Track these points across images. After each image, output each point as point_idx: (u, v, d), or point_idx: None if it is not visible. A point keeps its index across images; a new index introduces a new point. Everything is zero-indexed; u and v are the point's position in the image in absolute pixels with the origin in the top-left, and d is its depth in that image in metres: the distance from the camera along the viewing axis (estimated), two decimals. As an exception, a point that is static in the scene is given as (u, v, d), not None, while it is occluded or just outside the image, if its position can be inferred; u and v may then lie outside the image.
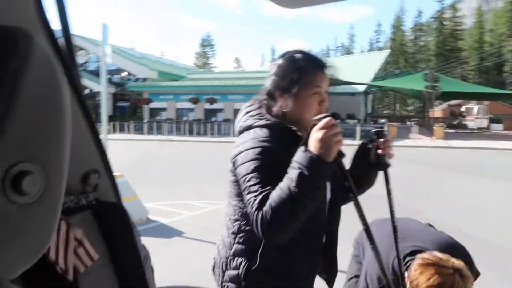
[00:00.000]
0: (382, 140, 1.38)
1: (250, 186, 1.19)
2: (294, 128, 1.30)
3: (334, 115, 1.14)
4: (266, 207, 1.11)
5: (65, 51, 0.97)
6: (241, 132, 1.38)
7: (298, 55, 1.33)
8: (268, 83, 1.38)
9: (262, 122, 1.32)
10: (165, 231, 5.43)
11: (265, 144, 1.25)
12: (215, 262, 1.47)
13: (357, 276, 1.92)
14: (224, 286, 1.38)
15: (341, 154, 1.16)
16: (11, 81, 0.35)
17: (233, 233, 1.38)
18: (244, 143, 1.29)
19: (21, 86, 0.36)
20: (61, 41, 0.97)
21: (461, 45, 60.54)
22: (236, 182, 1.33)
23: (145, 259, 0.97)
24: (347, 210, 1.48)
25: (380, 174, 1.43)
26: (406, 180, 9.14)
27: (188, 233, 5.34)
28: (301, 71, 1.29)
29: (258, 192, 1.16)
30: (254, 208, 1.14)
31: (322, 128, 1.12)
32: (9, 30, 0.38)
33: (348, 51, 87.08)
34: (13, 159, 0.35)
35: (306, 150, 1.12)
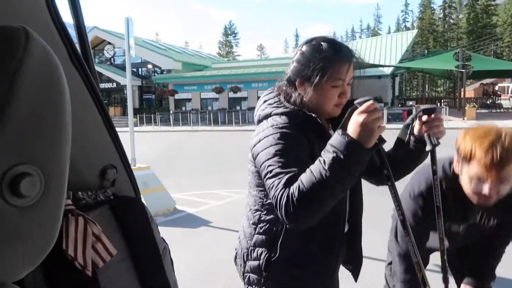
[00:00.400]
0: (430, 118, 1.32)
1: (272, 170, 1.15)
2: (314, 115, 1.27)
3: (377, 99, 1.08)
4: (293, 189, 1.07)
5: (80, 46, 0.98)
6: (260, 121, 1.36)
7: (324, 44, 1.26)
8: (289, 69, 1.34)
9: (281, 109, 1.30)
10: (192, 221, 5.53)
11: (285, 130, 1.22)
12: (236, 253, 1.47)
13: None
14: (246, 276, 1.38)
15: (381, 140, 1.10)
16: (8, 82, 0.35)
17: (253, 223, 1.38)
18: (263, 131, 1.27)
19: (18, 87, 0.35)
20: (75, 39, 0.98)
21: (494, 20, 57.72)
22: (257, 172, 1.32)
23: (164, 252, 0.98)
24: (371, 200, 1.45)
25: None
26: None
27: (214, 222, 5.41)
28: (325, 62, 1.24)
29: (283, 174, 1.12)
30: (279, 191, 1.10)
31: (363, 112, 1.05)
32: (7, 30, 0.37)
33: (374, 33, 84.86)
34: (11, 161, 0.35)
35: (344, 133, 1.06)
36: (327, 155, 1.07)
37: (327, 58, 1.24)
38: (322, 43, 1.27)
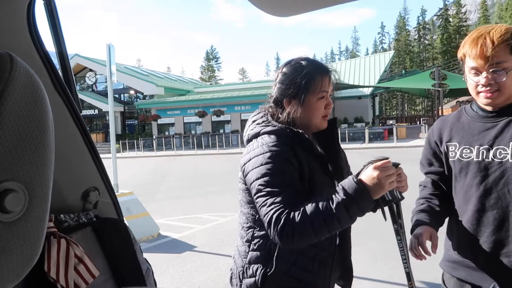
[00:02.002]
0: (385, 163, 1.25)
1: (263, 188, 1.22)
2: (301, 131, 1.33)
3: (394, 164, 1.22)
4: (294, 215, 1.15)
5: (62, 73, 1.01)
6: (249, 141, 1.41)
7: (303, 62, 1.37)
8: (274, 91, 1.42)
9: (269, 128, 1.36)
10: (176, 246, 5.44)
11: (274, 148, 1.27)
12: (232, 273, 1.47)
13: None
14: None
15: (399, 198, 1.25)
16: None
17: (247, 241, 1.39)
18: (253, 150, 1.32)
19: (4, 109, 0.38)
20: (57, 63, 1.00)
21: (466, 41, 59.90)
22: (247, 190, 1.34)
23: (147, 273, 0.99)
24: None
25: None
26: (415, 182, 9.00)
27: (199, 247, 5.33)
28: (308, 77, 1.33)
29: (274, 194, 1.19)
30: (272, 210, 1.18)
31: (378, 168, 1.16)
32: None
33: (352, 55, 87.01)
34: (-4, 178, 0.37)
35: (358, 180, 1.16)
36: (337, 194, 1.16)
37: (309, 73, 1.34)
38: (301, 62, 1.37)
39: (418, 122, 40.26)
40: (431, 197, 1.59)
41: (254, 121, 1.44)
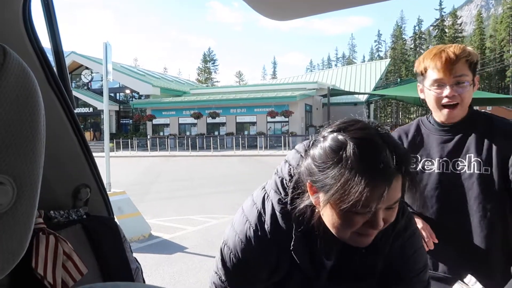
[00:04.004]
0: None
1: (215, 274, 1.08)
2: (315, 234, 0.92)
3: None
4: None
5: (57, 69, 1.00)
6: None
7: (349, 151, 0.80)
8: (303, 166, 0.90)
9: (275, 201, 0.96)
10: (167, 247, 5.41)
11: (257, 236, 0.97)
12: None
13: None
14: None
15: None
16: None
17: None
18: (246, 209, 1.04)
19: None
20: (52, 59, 1.00)
21: (461, 52, 60.61)
22: None
23: (136, 272, 0.98)
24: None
25: None
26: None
27: (190, 248, 5.31)
28: (345, 180, 0.79)
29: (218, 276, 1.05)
30: None
31: None
32: None
33: (349, 61, 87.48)
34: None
35: None
36: None
37: (352, 174, 0.79)
38: (346, 150, 0.80)
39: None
40: None
41: (289, 165, 0.98)
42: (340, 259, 0.98)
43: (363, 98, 32.51)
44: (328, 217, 0.87)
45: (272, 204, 0.97)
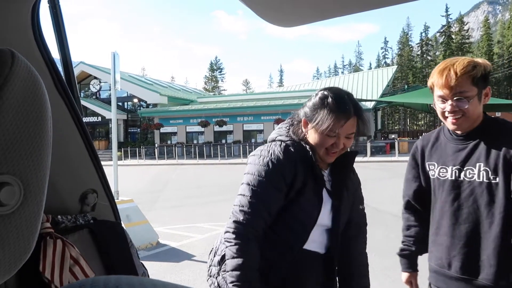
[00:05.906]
0: None
1: (239, 200, 1.42)
2: (308, 149, 1.42)
3: None
4: (238, 248, 1.37)
5: (65, 75, 1.02)
6: (267, 142, 1.54)
7: (329, 99, 1.40)
8: (304, 106, 1.50)
9: (283, 137, 1.47)
10: (175, 255, 5.41)
11: (272, 161, 1.38)
12: (212, 248, 1.66)
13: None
14: (210, 269, 1.58)
15: None
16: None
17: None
18: (260, 151, 1.44)
19: (3, 103, 0.38)
20: (60, 67, 1.01)
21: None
22: None
23: (143, 277, 0.98)
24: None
25: None
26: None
27: (198, 256, 5.30)
28: (324, 114, 1.38)
29: (244, 214, 1.39)
30: (231, 231, 1.41)
31: None
32: None
33: (356, 69, 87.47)
34: (-9, 171, 0.37)
35: None
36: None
37: (327, 111, 1.39)
38: (328, 98, 1.41)
39: (420, 136, 40.07)
40: (410, 239, 1.76)
41: (279, 128, 1.56)
42: (331, 174, 1.51)
43: (370, 105, 32.36)
44: (312, 137, 1.43)
45: (280, 141, 1.45)
